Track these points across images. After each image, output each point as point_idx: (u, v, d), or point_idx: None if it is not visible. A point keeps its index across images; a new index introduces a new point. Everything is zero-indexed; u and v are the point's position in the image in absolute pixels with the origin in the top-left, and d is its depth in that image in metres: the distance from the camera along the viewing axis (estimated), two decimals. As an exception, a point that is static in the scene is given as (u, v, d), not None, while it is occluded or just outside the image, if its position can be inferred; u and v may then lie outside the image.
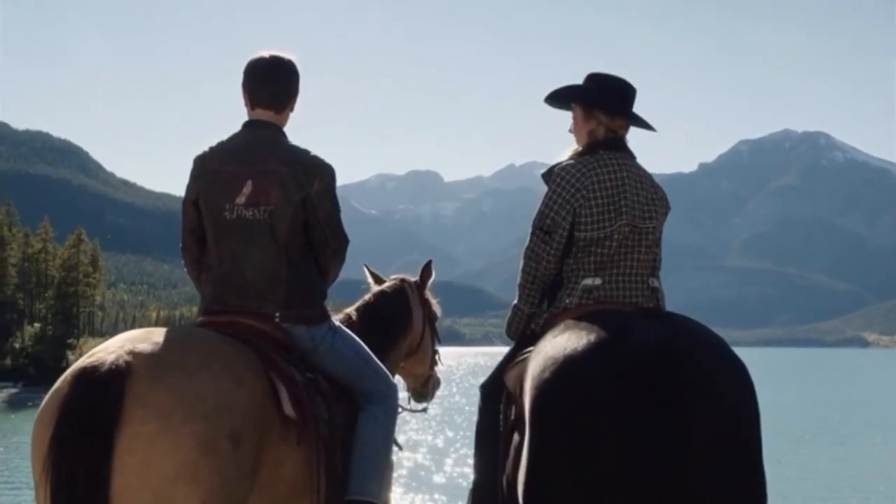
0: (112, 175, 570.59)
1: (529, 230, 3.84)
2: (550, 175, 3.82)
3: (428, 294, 5.30)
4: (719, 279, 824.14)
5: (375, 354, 4.17)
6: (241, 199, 3.65)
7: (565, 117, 3.97)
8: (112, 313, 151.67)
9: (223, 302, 3.70)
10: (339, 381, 3.83)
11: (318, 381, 3.69)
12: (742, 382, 3.13)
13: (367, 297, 4.99)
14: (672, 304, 3.99)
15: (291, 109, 3.92)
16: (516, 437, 3.44)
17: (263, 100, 3.81)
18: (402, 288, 5.11)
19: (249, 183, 3.65)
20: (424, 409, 5.43)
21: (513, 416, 3.53)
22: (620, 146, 3.86)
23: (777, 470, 22.84)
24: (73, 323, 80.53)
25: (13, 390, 65.95)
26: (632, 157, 3.87)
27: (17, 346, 74.74)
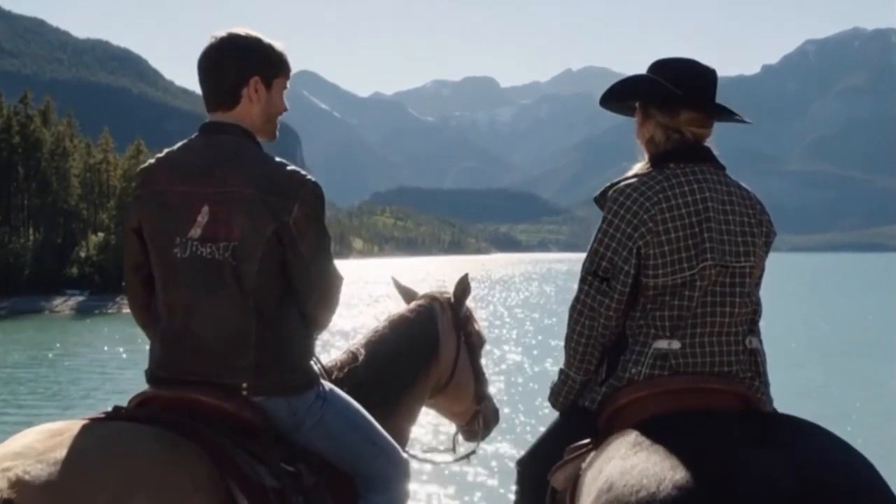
0: (171, 83, 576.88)
1: (580, 275, 2.93)
2: (604, 199, 2.95)
3: (467, 314, 4.16)
4: (781, 184, 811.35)
5: (387, 404, 3.54)
6: (195, 232, 2.81)
7: (627, 21, 3.60)
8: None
9: (173, 369, 2.85)
10: (331, 463, 3.03)
11: (299, 476, 2.85)
12: None
13: (380, 325, 3.90)
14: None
15: (257, 95, 2.94)
16: None
17: (209, 101, 2.97)
18: (429, 310, 4.01)
19: (206, 209, 2.80)
20: (469, 456, 4.22)
21: None
22: (698, 154, 2.94)
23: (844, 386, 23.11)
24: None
25: (80, 298, 68.35)
26: (717, 167, 2.95)
27: (82, 255, 76.92)
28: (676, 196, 2.82)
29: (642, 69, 3.00)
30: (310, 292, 2.90)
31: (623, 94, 3.05)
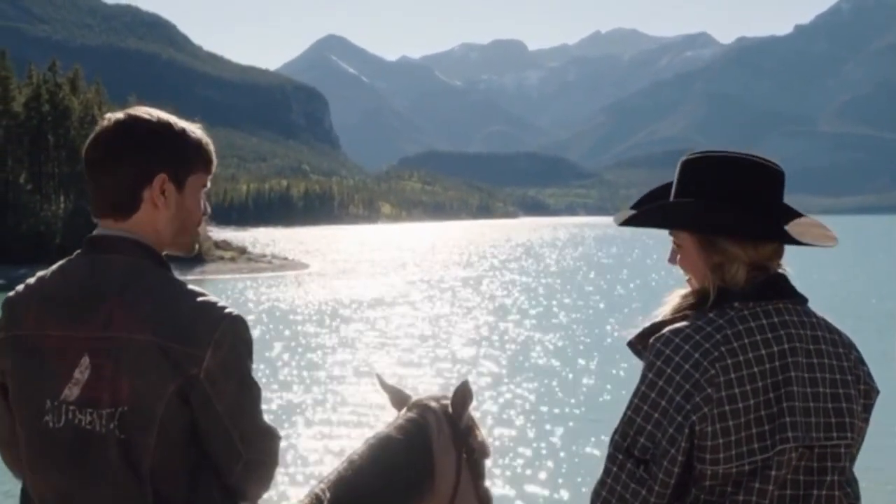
0: (200, 48, 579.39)
1: (607, 450, 2.09)
2: (642, 347, 2.14)
3: (468, 424, 3.26)
4: (812, 145, 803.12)
5: None
6: (71, 392, 2.04)
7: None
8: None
9: None
10: None
11: None
12: None
13: (357, 451, 3.00)
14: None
15: (164, 199, 2.14)
16: None
17: (96, 204, 2.16)
18: (420, 428, 3.12)
19: (85, 362, 2.03)
20: None
21: None
22: (774, 290, 2.08)
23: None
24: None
25: (110, 263, 69.29)
26: (798, 302, 2.10)
27: (112, 221, 77.92)
28: (745, 349, 2.00)
29: (672, 31, 2.56)
30: (233, 462, 2.11)
31: (677, 222, 2.15)
